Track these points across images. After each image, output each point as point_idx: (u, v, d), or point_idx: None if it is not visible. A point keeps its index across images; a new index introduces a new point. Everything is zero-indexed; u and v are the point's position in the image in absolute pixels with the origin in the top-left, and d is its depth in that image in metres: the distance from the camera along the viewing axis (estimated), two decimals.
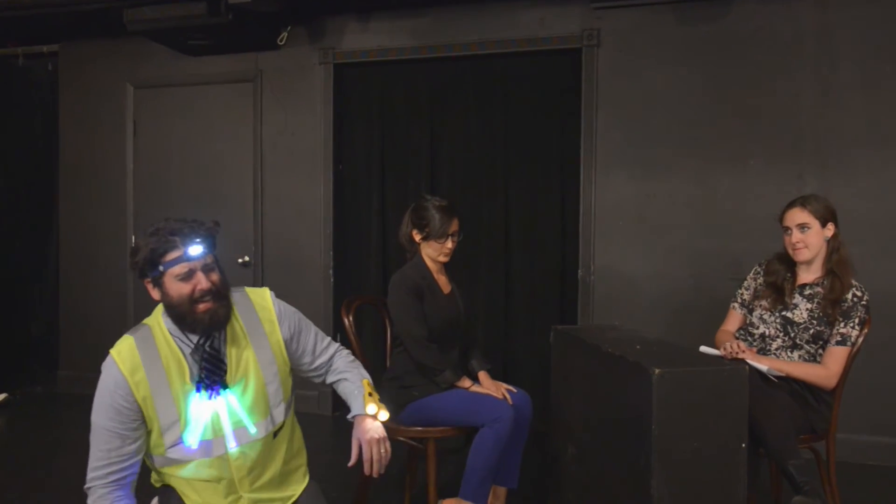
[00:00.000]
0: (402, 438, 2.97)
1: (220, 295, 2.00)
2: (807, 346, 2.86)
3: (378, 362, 4.07)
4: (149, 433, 1.99)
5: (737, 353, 2.77)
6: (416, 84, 4.89)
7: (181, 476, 2.04)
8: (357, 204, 5.04)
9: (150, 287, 2.00)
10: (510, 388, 3.00)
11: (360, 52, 4.88)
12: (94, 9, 4.59)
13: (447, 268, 3.20)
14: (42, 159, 5.75)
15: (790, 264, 3.00)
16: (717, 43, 4.26)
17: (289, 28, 4.96)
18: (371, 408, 2.14)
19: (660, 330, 4.15)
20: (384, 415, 2.14)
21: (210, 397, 1.98)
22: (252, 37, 4.86)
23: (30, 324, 5.91)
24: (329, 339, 2.34)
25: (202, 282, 1.97)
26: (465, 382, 2.96)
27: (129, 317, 5.36)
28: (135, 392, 1.94)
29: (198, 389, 1.97)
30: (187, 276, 1.96)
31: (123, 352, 1.97)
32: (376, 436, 2.09)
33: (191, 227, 1.98)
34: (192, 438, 1.98)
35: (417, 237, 3.07)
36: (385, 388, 3.01)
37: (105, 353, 1.98)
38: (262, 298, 2.19)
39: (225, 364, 2.02)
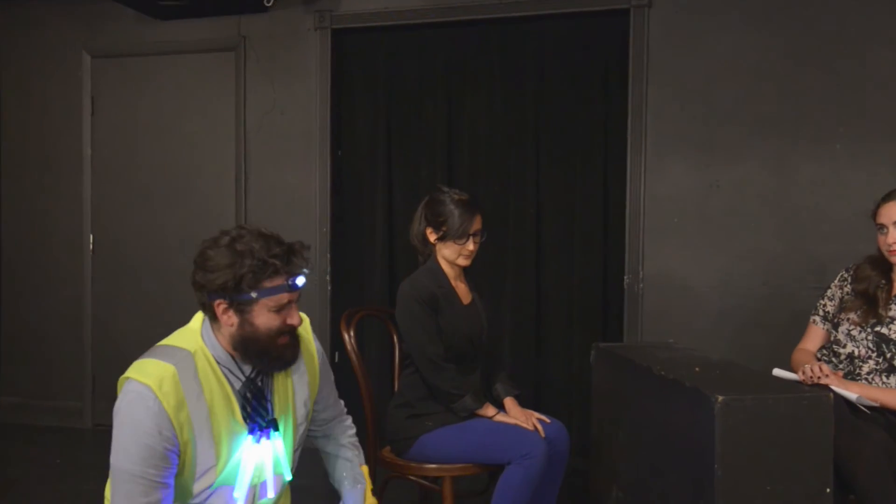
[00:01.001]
0: (413, 477, 2.98)
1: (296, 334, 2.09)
2: None
3: (384, 385, 4.10)
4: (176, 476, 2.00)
5: (819, 377, 2.76)
6: (431, 54, 4.90)
7: None
8: (359, 197, 5.06)
9: (220, 310, 1.98)
10: (542, 417, 3.01)
11: (364, 15, 4.90)
12: None
13: (467, 273, 3.21)
14: None
15: (885, 269, 2.98)
16: (793, 5, 4.24)
17: None
18: None
19: (723, 349, 4.13)
20: None
21: (258, 441, 2.03)
22: None
23: None
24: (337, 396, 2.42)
25: (294, 316, 2.03)
26: (489, 410, 2.97)
27: (86, 332, 5.40)
28: (179, 435, 1.92)
29: (251, 430, 2.02)
30: (283, 308, 2.00)
31: (166, 385, 1.91)
32: None
33: (296, 251, 2.03)
34: (241, 489, 2.02)
35: (432, 237, 3.08)
36: (393, 417, 3.02)
37: (48, 381, 1.97)
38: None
39: (269, 403, 2.09)
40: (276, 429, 2.07)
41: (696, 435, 2.21)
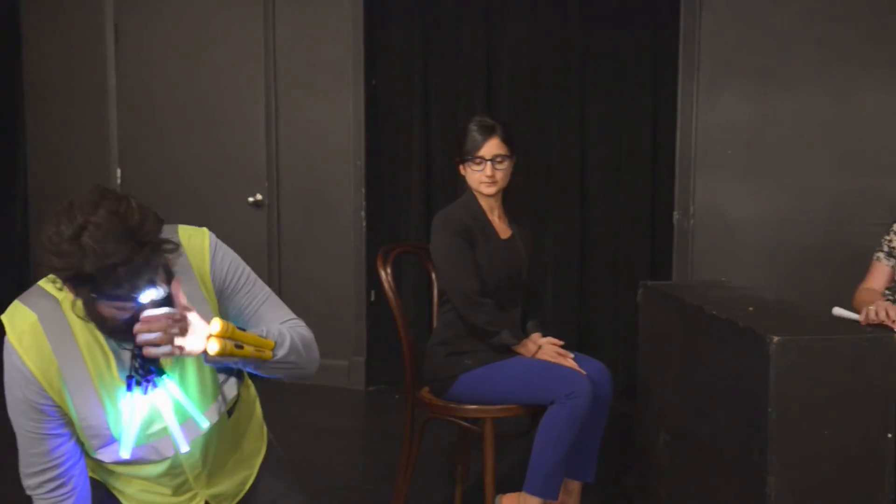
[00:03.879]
0: (452, 418, 3.01)
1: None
2: None
3: (423, 324, 4.12)
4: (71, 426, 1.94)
5: (882, 319, 2.72)
6: None
7: (118, 473, 2.04)
8: (394, 129, 5.04)
9: (68, 287, 1.73)
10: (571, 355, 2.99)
11: None
12: None
13: (507, 208, 3.19)
14: (2, 76, 5.85)
15: None
16: None
17: None
18: (215, 325, 1.80)
19: (779, 288, 4.09)
20: (214, 348, 1.79)
21: (145, 391, 1.84)
22: None
23: None
24: (285, 309, 2.15)
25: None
26: (529, 347, 2.97)
27: None
28: (49, 389, 1.86)
29: (129, 387, 1.84)
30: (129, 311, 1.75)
31: (26, 339, 1.83)
32: (190, 346, 1.80)
33: (143, 264, 1.67)
34: (126, 448, 1.89)
35: (460, 166, 3.09)
36: (431, 356, 3.04)
37: None
38: (200, 239, 2.02)
39: None
40: (161, 373, 1.85)
41: (749, 377, 2.21)
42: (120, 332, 1.79)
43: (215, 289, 2.01)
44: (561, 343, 2.99)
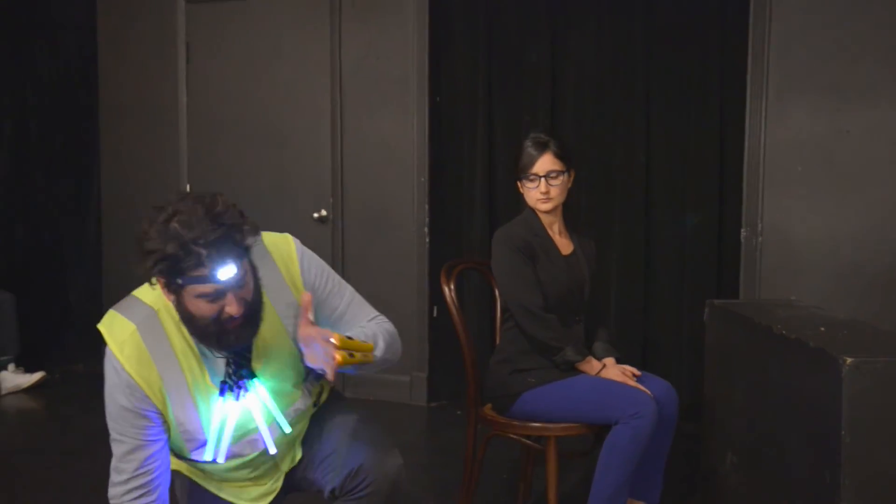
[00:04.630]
0: (515, 436, 3.00)
1: (253, 314, 1.97)
2: None
3: (486, 340, 4.13)
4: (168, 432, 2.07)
5: None
6: None
7: (209, 471, 2.18)
8: (458, 145, 5.07)
9: (161, 285, 1.91)
10: (636, 372, 2.95)
11: None
12: None
13: (568, 223, 3.18)
14: (79, 95, 6.04)
15: None
16: None
17: None
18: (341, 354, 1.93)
19: (850, 308, 4.02)
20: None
21: (237, 398, 2.02)
22: None
23: (69, 292, 6.27)
24: (368, 306, 2.32)
25: (232, 305, 1.90)
26: (594, 365, 2.95)
27: None
28: (151, 395, 1.98)
29: (221, 392, 2.01)
30: (214, 298, 1.89)
31: (127, 348, 1.96)
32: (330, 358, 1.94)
33: (221, 240, 1.84)
34: (222, 452, 2.05)
35: (518, 182, 3.10)
36: (494, 373, 3.04)
37: None
38: (286, 245, 2.17)
39: (251, 349, 2.04)
40: (253, 376, 2.03)
41: (820, 399, 2.17)
42: (210, 335, 1.94)
43: (306, 285, 2.14)
44: (637, 373, 2.96)
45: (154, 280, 1.90)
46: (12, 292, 5.44)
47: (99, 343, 2.04)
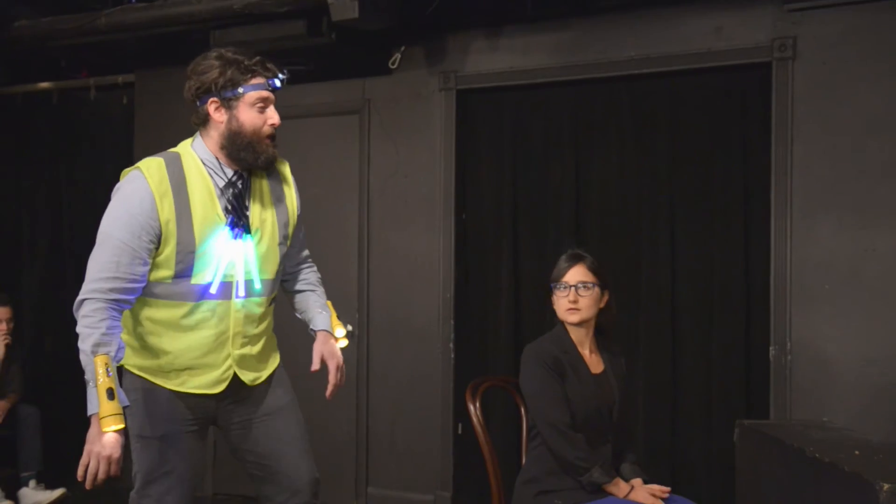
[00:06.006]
0: None
1: (275, 142, 2.60)
2: None
3: (512, 459, 4.07)
4: (157, 256, 2.47)
5: None
6: (558, 112, 4.95)
7: (174, 322, 2.54)
8: (484, 261, 5.11)
9: (212, 108, 2.52)
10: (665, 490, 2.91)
11: (489, 74, 5.01)
12: (176, 32, 4.96)
13: (600, 343, 3.18)
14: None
15: None
16: None
17: (402, 49, 5.16)
18: (340, 331, 2.84)
19: (885, 430, 3.95)
20: (345, 342, 2.85)
21: (234, 237, 2.53)
22: (358, 60, 5.10)
23: None
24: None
25: (275, 117, 2.55)
26: (622, 488, 2.90)
27: None
28: (160, 209, 2.43)
29: (231, 227, 2.52)
30: (263, 107, 2.53)
31: (153, 168, 2.47)
32: (342, 362, 2.76)
33: (269, 61, 2.55)
34: (211, 276, 2.50)
35: (550, 296, 3.12)
36: (520, 494, 2.99)
37: None
38: (286, 168, 2.80)
39: (247, 209, 2.59)
40: (248, 232, 2.56)
41: None
42: (249, 146, 2.52)
43: (298, 211, 2.78)
44: (666, 490, 2.91)
45: (206, 109, 2.52)
46: (38, 406, 5.45)
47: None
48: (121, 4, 4.97)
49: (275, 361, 2.82)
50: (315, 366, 2.71)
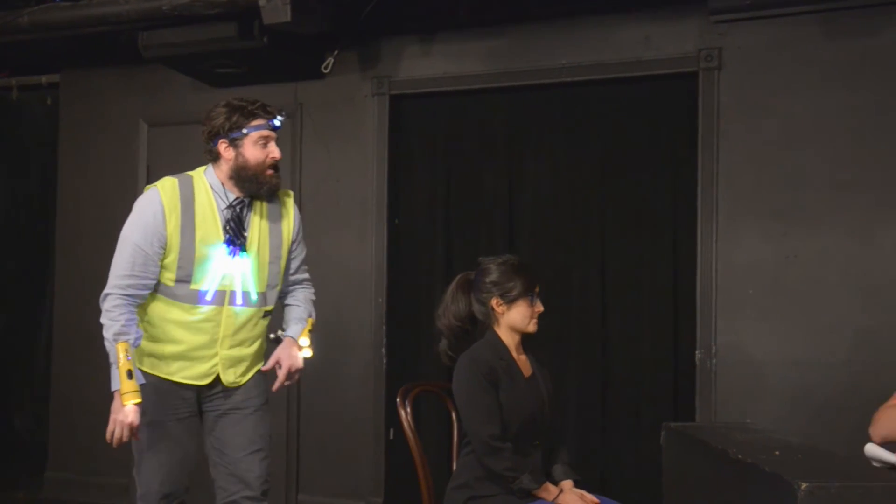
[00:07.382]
0: None
1: (279, 174, 3.02)
2: None
3: (443, 465, 4.06)
4: (163, 260, 2.88)
5: None
6: (492, 119, 4.98)
7: (175, 319, 2.93)
8: (417, 267, 5.11)
9: (222, 148, 2.95)
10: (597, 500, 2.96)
11: (422, 80, 5.01)
12: (103, 32, 4.83)
13: (527, 345, 3.20)
14: (38, 211, 6.01)
15: None
16: (882, 61, 4.21)
17: (335, 53, 5.13)
18: (304, 340, 3.17)
19: (804, 431, 3.99)
20: (309, 353, 3.18)
21: (232, 255, 2.93)
22: (291, 63, 5.06)
23: (14, 415, 6.09)
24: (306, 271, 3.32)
25: (276, 152, 2.98)
26: (551, 492, 2.92)
27: None
28: (168, 220, 2.87)
29: (227, 244, 2.92)
30: (265, 143, 2.95)
31: (167, 186, 2.93)
32: (298, 365, 3.11)
33: (268, 105, 2.98)
34: (208, 284, 2.91)
35: (500, 306, 3.08)
36: (451, 499, 2.99)
37: (97, 456, 2.18)
38: (289, 199, 3.17)
39: (246, 230, 2.98)
40: (244, 250, 2.96)
41: None
42: (252, 178, 2.94)
43: (293, 237, 3.16)
44: (595, 502, 2.94)
45: (217, 149, 2.96)
46: None
47: (42, 470, 2.19)
48: (44, 3, 4.83)
49: (257, 368, 3.16)
50: (268, 366, 3.09)
